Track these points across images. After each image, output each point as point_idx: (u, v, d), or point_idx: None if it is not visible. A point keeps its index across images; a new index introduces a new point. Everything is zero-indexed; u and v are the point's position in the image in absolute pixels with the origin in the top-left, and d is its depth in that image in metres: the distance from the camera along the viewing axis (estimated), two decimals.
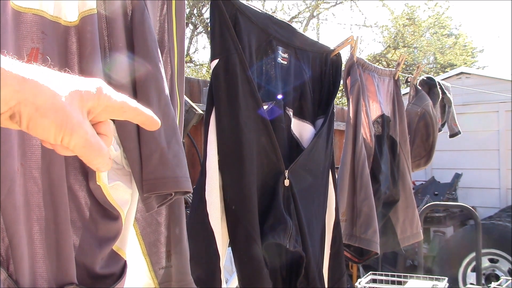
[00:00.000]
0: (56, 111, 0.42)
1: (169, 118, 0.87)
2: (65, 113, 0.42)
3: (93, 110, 0.46)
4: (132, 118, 0.51)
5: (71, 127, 0.43)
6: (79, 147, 0.44)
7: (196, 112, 2.81)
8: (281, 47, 1.37)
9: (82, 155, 0.45)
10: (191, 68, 10.98)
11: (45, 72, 0.43)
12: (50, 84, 0.42)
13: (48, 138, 0.43)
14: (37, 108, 0.41)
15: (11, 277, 0.71)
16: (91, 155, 0.45)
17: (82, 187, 0.81)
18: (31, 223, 0.74)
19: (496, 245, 4.17)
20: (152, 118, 0.52)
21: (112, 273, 0.85)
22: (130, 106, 0.50)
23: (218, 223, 1.16)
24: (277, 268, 1.33)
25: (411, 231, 2.17)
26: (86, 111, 0.45)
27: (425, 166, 2.59)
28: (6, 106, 0.40)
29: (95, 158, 0.46)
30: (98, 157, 0.46)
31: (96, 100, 0.46)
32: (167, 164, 0.84)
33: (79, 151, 0.45)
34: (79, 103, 0.44)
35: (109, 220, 0.84)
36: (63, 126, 0.42)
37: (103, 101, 0.47)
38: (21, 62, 0.41)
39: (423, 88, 2.62)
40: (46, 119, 0.41)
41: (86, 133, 0.44)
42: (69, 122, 0.43)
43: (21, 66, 0.41)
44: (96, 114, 0.47)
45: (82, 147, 0.44)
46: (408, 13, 11.65)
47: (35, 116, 0.41)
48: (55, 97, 0.42)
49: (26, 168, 0.73)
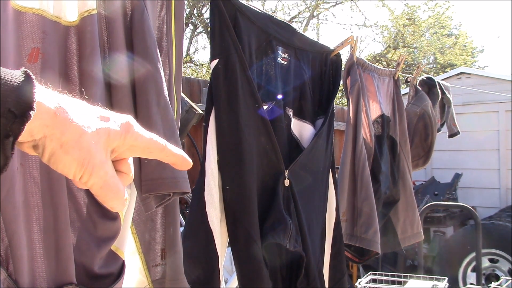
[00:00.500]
0: (80, 150, 0.42)
1: (168, 118, 0.88)
2: (89, 152, 0.42)
3: (118, 149, 0.46)
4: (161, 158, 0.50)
5: (91, 167, 0.43)
6: (97, 188, 0.44)
7: (196, 112, 2.81)
8: (281, 47, 1.37)
9: (98, 195, 0.46)
10: (191, 68, 10.98)
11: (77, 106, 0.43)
12: (79, 121, 0.42)
13: (68, 174, 0.43)
14: (62, 145, 0.41)
15: (10, 276, 0.71)
16: (107, 197, 0.46)
17: None
18: (31, 223, 0.74)
19: (496, 245, 4.17)
20: (183, 158, 0.51)
21: (110, 273, 0.86)
22: (156, 147, 0.49)
23: (217, 223, 1.16)
24: (277, 268, 1.33)
25: (411, 231, 2.17)
26: (111, 150, 0.45)
27: (423, 166, 2.59)
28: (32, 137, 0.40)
29: (110, 200, 0.46)
30: (114, 199, 0.46)
31: (122, 140, 0.46)
32: (165, 165, 0.83)
33: (96, 191, 0.45)
34: (105, 142, 0.44)
35: (107, 220, 0.84)
36: (84, 165, 0.42)
37: (129, 141, 0.47)
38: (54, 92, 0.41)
39: (423, 88, 2.62)
40: (69, 156, 0.41)
41: (106, 174, 0.44)
42: (91, 162, 0.43)
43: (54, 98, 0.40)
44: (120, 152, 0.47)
45: (99, 187, 0.44)
46: (408, 13, 11.65)
47: (58, 152, 0.41)
48: (82, 136, 0.42)
49: (25, 168, 0.74)
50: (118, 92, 0.84)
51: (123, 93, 0.84)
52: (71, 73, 0.80)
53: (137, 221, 1.03)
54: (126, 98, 0.84)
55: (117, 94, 0.84)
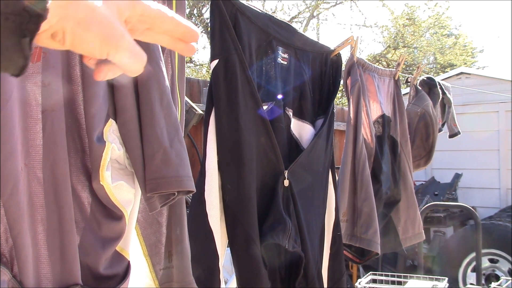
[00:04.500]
0: (99, 24, 0.40)
1: (171, 117, 0.87)
2: (108, 25, 0.41)
3: (129, 20, 0.45)
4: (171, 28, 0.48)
5: (116, 39, 0.41)
6: (125, 59, 0.43)
7: (196, 112, 2.81)
8: (281, 47, 1.37)
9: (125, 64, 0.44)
10: (191, 68, 10.97)
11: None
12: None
13: (93, 53, 0.41)
14: (79, 22, 0.39)
15: (15, 278, 0.71)
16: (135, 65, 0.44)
17: (85, 187, 0.81)
18: (35, 223, 0.74)
19: (496, 245, 4.17)
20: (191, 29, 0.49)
21: (116, 274, 0.85)
22: (167, 15, 0.47)
23: (217, 223, 1.16)
24: (276, 268, 1.33)
25: (413, 232, 2.17)
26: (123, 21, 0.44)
27: (424, 166, 2.59)
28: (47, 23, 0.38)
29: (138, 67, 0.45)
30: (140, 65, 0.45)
31: (132, 9, 0.44)
32: (170, 164, 0.84)
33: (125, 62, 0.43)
34: (117, 13, 0.43)
35: (112, 220, 0.83)
36: (108, 39, 0.41)
37: (139, 9, 0.45)
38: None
39: (423, 88, 2.62)
40: (90, 32, 0.40)
41: (130, 43, 0.43)
42: (114, 34, 0.41)
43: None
44: (132, 24, 0.45)
45: (127, 57, 0.43)
46: (408, 13, 11.64)
47: (78, 31, 0.39)
48: (95, 10, 0.40)
49: (29, 168, 0.73)
50: (120, 91, 0.84)
51: (125, 93, 0.84)
52: (73, 72, 0.80)
53: (142, 223, 1.02)
54: (128, 98, 0.84)
55: (120, 93, 0.84)
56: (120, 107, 0.83)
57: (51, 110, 0.75)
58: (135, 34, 0.47)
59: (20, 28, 0.36)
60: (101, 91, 0.80)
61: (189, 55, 0.52)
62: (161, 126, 0.84)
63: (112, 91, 0.84)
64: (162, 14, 0.47)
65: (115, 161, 0.85)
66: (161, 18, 0.47)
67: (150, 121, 0.84)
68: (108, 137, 0.81)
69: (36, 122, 0.74)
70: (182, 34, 0.49)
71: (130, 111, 0.84)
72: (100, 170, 0.78)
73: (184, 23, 0.48)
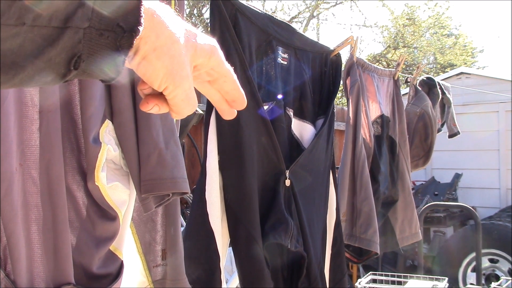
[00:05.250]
0: (171, 58, 0.40)
1: (167, 119, 0.88)
2: (179, 62, 0.41)
3: (199, 68, 0.45)
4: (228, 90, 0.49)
5: (179, 78, 0.42)
6: (178, 100, 0.43)
7: (196, 112, 2.81)
8: (281, 47, 1.37)
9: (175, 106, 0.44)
10: None
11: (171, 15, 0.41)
12: (173, 29, 0.40)
13: (153, 83, 0.41)
14: (155, 49, 0.39)
15: (8, 276, 0.71)
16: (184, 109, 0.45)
17: (80, 187, 0.81)
18: (29, 223, 0.74)
19: (496, 245, 4.17)
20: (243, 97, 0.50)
21: (109, 273, 0.86)
22: (232, 78, 0.48)
23: (218, 223, 1.16)
24: (278, 268, 1.33)
25: (410, 231, 2.17)
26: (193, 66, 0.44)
27: (423, 166, 2.59)
28: None
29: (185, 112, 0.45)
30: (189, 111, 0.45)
31: (206, 60, 0.45)
32: (165, 165, 0.85)
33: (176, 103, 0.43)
34: (191, 57, 0.43)
35: (106, 220, 0.84)
36: (172, 75, 0.41)
37: (213, 63, 0.45)
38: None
39: (423, 88, 2.62)
40: (160, 62, 0.40)
41: (189, 87, 0.43)
42: (179, 73, 0.41)
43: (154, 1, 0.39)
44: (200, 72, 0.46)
45: (181, 100, 0.43)
46: (408, 13, 11.65)
47: (150, 57, 0.40)
48: (174, 44, 0.40)
49: (24, 168, 0.73)
50: (117, 93, 0.84)
51: (122, 94, 0.84)
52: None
53: (137, 222, 1.03)
54: (125, 98, 0.84)
55: (117, 95, 0.84)
56: (117, 108, 0.84)
57: (47, 111, 0.75)
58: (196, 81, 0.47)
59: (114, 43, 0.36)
60: (98, 92, 0.80)
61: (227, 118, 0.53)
62: (157, 128, 0.85)
63: (109, 92, 0.84)
64: (229, 75, 0.48)
65: (111, 161, 0.85)
66: (226, 78, 0.48)
67: (146, 123, 0.84)
68: (104, 138, 0.82)
69: (31, 122, 0.74)
70: (233, 98, 0.50)
71: (126, 112, 0.84)
72: (96, 171, 0.79)
73: (241, 90, 0.49)
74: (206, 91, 0.49)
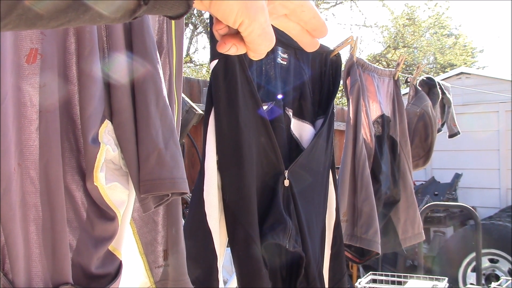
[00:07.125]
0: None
1: (167, 119, 0.88)
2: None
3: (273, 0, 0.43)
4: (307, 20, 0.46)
5: (254, 12, 0.40)
6: (255, 35, 0.41)
7: (196, 112, 2.80)
8: (280, 47, 1.37)
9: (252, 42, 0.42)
10: (191, 68, 10.97)
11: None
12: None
13: (228, 20, 0.40)
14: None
15: (6, 276, 0.72)
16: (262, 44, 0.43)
17: (79, 187, 0.81)
18: (27, 222, 0.74)
19: (496, 245, 4.17)
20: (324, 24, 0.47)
21: (107, 273, 0.86)
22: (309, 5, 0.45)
23: (216, 223, 1.16)
24: (276, 268, 1.33)
25: (412, 232, 2.17)
26: None
27: (423, 166, 2.59)
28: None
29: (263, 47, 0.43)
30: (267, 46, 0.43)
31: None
32: (164, 165, 0.84)
33: (253, 38, 0.42)
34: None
35: (105, 220, 0.84)
36: (247, 9, 0.39)
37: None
38: None
39: (423, 88, 2.61)
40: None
41: (265, 21, 0.41)
42: (254, 6, 0.39)
43: None
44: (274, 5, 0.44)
45: (257, 35, 0.41)
46: (408, 13, 11.64)
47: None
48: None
49: (23, 168, 0.74)
50: (117, 92, 0.84)
51: (122, 93, 0.84)
52: (70, 73, 0.80)
53: (138, 222, 1.03)
54: (125, 99, 0.84)
55: (116, 94, 0.84)
56: (116, 108, 0.84)
57: (46, 111, 0.75)
58: (272, 16, 0.45)
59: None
60: (97, 92, 0.80)
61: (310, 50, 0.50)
62: (156, 128, 0.85)
63: (109, 92, 0.84)
64: (306, 3, 0.45)
65: (110, 161, 0.85)
66: (303, 6, 0.45)
67: (146, 123, 0.84)
68: (103, 138, 0.82)
69: (30, 122, 0.74)
70: (314, 27, 0.47)
71: (126, 112, 0.84)
72: (94, 171, 0.79)
73: (321, 17, 0.47)
74: (284, 25, 0.47)
